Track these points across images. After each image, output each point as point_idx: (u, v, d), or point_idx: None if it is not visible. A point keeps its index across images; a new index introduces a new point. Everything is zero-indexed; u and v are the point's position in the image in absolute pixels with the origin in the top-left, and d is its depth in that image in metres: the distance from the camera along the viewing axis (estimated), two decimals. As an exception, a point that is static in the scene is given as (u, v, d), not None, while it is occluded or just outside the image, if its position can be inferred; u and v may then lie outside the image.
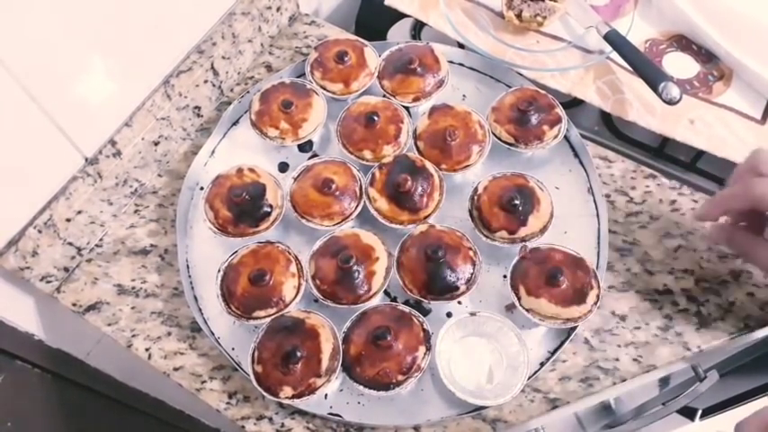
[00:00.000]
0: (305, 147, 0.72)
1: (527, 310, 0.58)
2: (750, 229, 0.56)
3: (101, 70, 0.61)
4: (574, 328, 0.59)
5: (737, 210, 0.56)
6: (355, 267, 0.58)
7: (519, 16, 0.73)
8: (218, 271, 0.61)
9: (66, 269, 0.66)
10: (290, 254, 0.62)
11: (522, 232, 0.61)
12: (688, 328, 0.60)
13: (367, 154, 0.67)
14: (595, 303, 0.57)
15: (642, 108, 0.72)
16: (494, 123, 0.68)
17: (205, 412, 0.89)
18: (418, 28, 0.85)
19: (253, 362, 0.57)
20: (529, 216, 0.61)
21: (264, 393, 0.55)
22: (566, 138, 0.69)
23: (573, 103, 0.76)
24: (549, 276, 0.57)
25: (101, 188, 0.65)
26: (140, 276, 0.67)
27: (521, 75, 0.74)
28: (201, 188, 0.69)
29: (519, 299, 0.58)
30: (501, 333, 0.58)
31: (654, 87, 0.69)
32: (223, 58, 0.73)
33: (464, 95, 0.74)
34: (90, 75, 0.60)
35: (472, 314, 0.58)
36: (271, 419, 0.59)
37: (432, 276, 0.58)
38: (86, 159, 0.63)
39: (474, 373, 0.58)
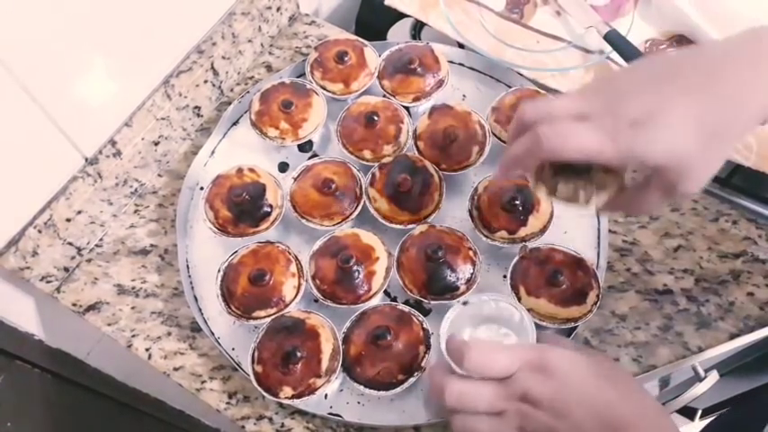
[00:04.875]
0: (305, 147, 0.72)
1: (527, 310, 0.58)
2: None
3: (101, 70, 0.61)
4: (574, 328, 0.59)
5: (532, 166, 0.49)
6: (355, 267, 0.58)
7: (553, 192, 0.49)
8: (218, 271, 0.61)
9: (66, 269, 0.66)
10: (290, 254, 0.62)
11: (522, 232, 0.61)
12: (688, 328, 0.60)
13: (367, 154, 0.67)
14: (595, 303, 0.57)
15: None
16: (494, 123, 0.68)
17: (205, 412, 0.89)
18: (418, 28, 0.85)
19: (253, 362, 0.57)
20: (529, 216, 0.61)
21: (264, 393, 0.55)
22: (566, 138, 0.69)
23: (573, 103, 0.75)
24: (549, 276, 0.57)
25: (101, 188, 0.65)
26: (140, 276, 0.67)
27: (521, 75, 0.74)
28: (201, 188, 0.69)
29: (519, 299, 0.58)
30: (499, 310, 0.56)
31: (654, 87, 0.69)
32: (223, 58, 0.73)
33: (464, 95, 0.74)
34: (90, 75, 0.60)
35: (464, 303, 0.56)
36: (271, 419, 0.59)
37: (432, 276, 0.58)
38: (86, 159, 0.63)
39: None
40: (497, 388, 0.44)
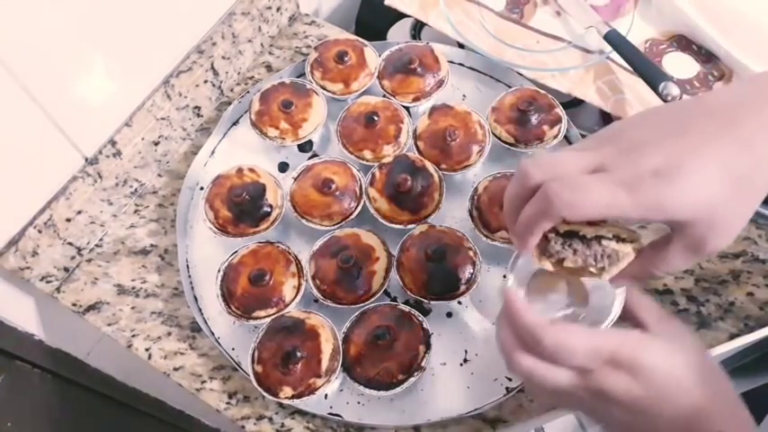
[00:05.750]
0: (305, 147, 0.72)
1: None
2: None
3: (101, 70, 0.61)
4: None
5: (545, 229, 0.43)
6: (355, 267, 0.59)
7: (560, 263, 0.44)
8: (218, 271, 0.61)
9: (66, 269, 0.66)
10: (290, 254, 0.62)
11: (522, 232, 0.61)
12: (688, 329, 0.60)
13: (367, 154, 0.67)
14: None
15: (642, 108, 0.72)
16: (494, 123, 0.68)
17: (205, 412, 0.89)
18: (418, 28, 0.85)
19: (253, 362, 0.57)
20: (529, 216, 0.61)
21: (264, 393, 0.55)
22: (566, 138, 0.69)
23: (573, 103, 0.76)
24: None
25: (101, 188, 0.65)
26: (140, 276, 0.67)
27: (521, 75, 0.74)
28: (201, 188, 0.69)
29: None
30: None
31: (654, 87, 0.69)
32: (223, 58, 0.73)
33: (464, 95, 0.74)
34: (90, 75, 0.60)
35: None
36: (271, 419, 0.59)
37: (432, 276, 0.58)
38: (86, 159, 0.63)
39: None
40: (573, 377, 0.41)
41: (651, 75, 0.69)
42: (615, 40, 0.73)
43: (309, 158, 0.69)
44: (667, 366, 0.41)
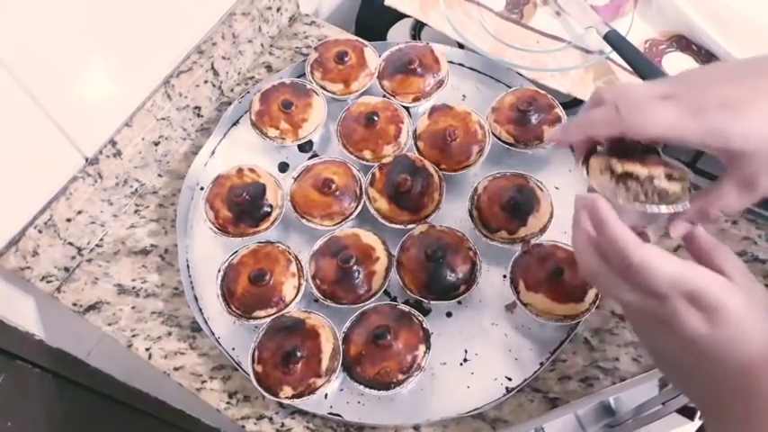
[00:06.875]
0: (305, 147, 0.72)
1: (525, 305, 0.58)
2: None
3: (101, 70, 0.61)
4: (574, 328, 0.59)
5: (602, 136, 0.47)
6: (355, 267, 0.59)
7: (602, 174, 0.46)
8: (219, 271, 0.61)
9: (66, 269, 0.66)
10: (290, 254, 0.62)
11: (522, 232, 0.61)
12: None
13: (367, 154, 0.67)
14: (594, 302, 0.57)
15: (642, 108, 0.72)
16: (494, 123, 0.68)
17: (205, 412, 0.89)
18: (418, 28, 0.85)
19: (253, 362, 0.57)
20: (529, 216, 0.61)
21: (264, 393, 0.55)
22: (566, 138, 0.69)
23: (573, 103, 0.75)
24: (550, 273, 0.57)
25: (101, 188, 0.65)
26: (140, 276, 0.67)
27: (521, 75, 0.74)
28: (202, 188, 0.69)
29: (518, 293, 0.59)
30: None
31: (654, 87, 0.69)
32: (223, 58, 0.73)
33: (464, 95, 0.74)
34: (90, 75, 0.60)
35: None
36: (271, 419, 0.59)
37: (432, 276, 0.58)
38: (87, 159, 0.63)
39: None
40: (644, 298, 0.41)
41: (651, 75, 0.69)
42: (615, 41, 0.73)
43: (309, 158, 0.70)
44: (742, 318, 0.40)
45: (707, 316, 0.40)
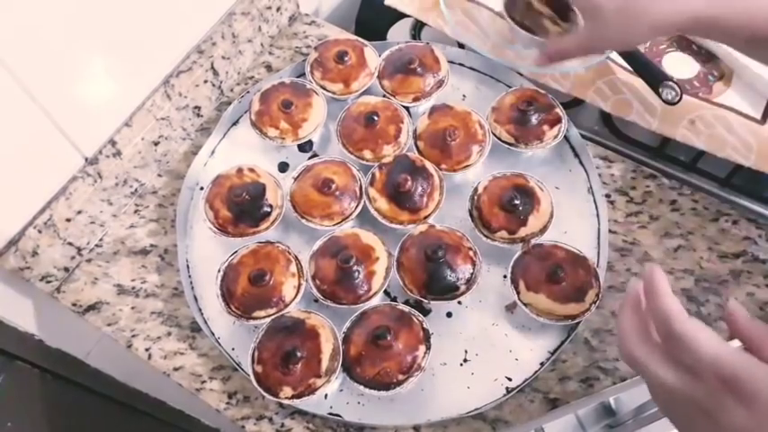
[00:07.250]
0: (305, 147, 0.72)
1: (525, 305, 0.58)
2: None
3: (101, 70, 0.61)
4: (574, 328, 0.59)
5: None
6: (355, 267, 0.58)
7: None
8: (219, 271, 0.61)
9: (66, 269, 0.66)
10: (290, 254, 0.62)
11: (522, 232, 0.61)
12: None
13: (367, 154, 0.67)
14: (594, 302, 0.57)
15: (642, 108, 0.72)
16: (494, 123, 0.68)
17: (205, 412, 0.89)
18: (418, 28, 0.85)
19: (253, 362, 0.57)
20: (529, 216, 0.61)
21: (264, 393, 0.55)
22: (566, 138, 0.69)
23: (573, 103, 0.75)
24: (550, 272, 0.57)
25: (101, 188, 0.65)
26: (140, 276, 0.67)
27: (521, 75, 0.74)
28: (201, 188, 0.69)
29: (518, 293, 0.59)
30: None
31: (654, 87, 0.69)
32: (223, 58, 0.73)
33: (464, 95, 0.74)
34: (90, 75, 0.60)
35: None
36: (271, 419, 0.59)
37: (432, 276, 0.58)
38: (86, 159, 0.63)
39: None
40: (682, 377, 0.39)
41: (651, 75, 0.69)
42: (615, 40, 0.72)
43: (309, 158, 0.69)
44: None
45: (745, 405, 0.37)
